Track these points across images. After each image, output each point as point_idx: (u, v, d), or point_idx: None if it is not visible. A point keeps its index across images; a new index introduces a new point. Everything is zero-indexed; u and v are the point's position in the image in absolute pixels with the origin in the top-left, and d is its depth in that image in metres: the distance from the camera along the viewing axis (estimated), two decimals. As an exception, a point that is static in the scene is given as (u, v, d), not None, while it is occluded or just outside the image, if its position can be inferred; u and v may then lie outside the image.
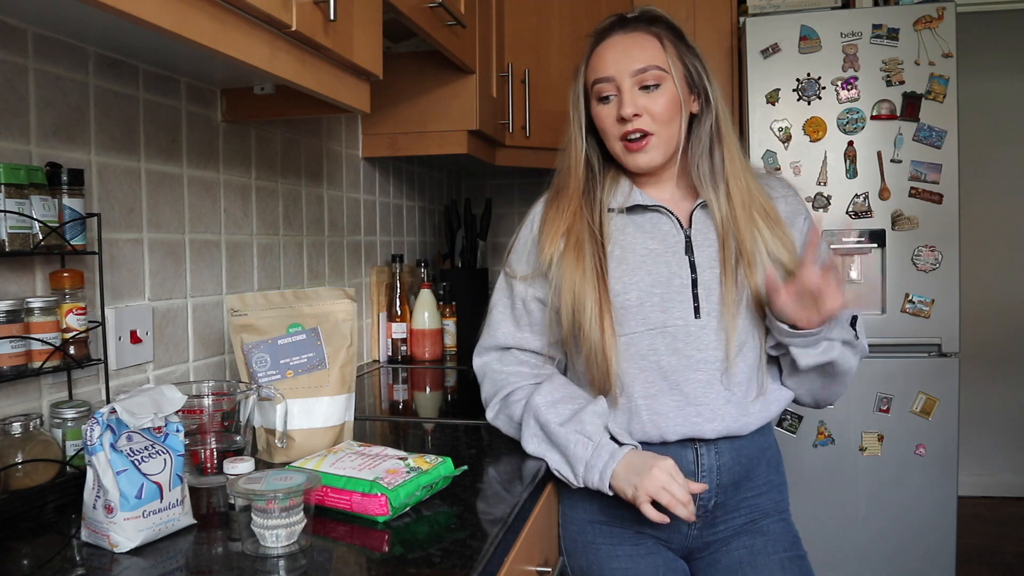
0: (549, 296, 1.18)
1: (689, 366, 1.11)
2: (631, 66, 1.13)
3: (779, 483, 1.22)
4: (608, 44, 1.16)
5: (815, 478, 2.32)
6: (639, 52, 1.14)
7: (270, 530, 0.78)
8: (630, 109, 1.12)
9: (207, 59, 1.15)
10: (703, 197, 1.17)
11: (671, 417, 1.11)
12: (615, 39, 1.16)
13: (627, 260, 1.15)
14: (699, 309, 1.13)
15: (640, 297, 1.13)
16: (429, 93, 1.91)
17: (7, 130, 0.95)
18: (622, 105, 1.13)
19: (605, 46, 1.16)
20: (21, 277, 0.98)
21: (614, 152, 1.18)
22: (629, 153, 1.15)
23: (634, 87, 1.13)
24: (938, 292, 2.27)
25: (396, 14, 1.36)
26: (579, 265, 1.14)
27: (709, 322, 1.13)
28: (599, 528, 1.17)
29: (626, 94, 1.13)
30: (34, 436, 0.91)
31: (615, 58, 1.14)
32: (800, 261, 1.07)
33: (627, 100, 1.12)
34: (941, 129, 2.26)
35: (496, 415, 1.23)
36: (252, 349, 1.13)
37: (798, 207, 1.23)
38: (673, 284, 1.13)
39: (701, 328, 1.12)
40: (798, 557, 1.17)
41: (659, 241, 1.16)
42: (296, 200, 1.69)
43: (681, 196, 1.21)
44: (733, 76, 2.59)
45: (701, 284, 1.13)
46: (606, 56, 1.15)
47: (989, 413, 3.59)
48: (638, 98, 1.13)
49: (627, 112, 1.12)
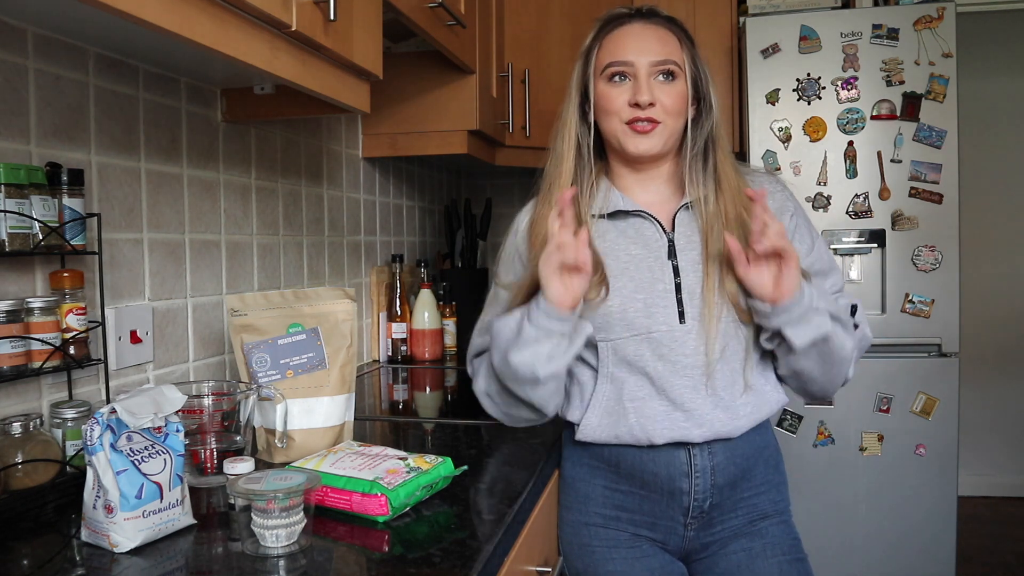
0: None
1: (675, 372, 1.11)
2: (652, 55, 1.13)
3: (778, 483, 1.21)
4: (629, 30, 1.15)
5: (815, 478, 2.32)
6: (660, 45, 1.13)
7: (270, 530, 0.78)
8: (647, 96, 1.11)
9: (207, 59, 1.15)
10: (690, 197, 1.16)
11: (658, 421, 1.10)
12: (636, 26, 1.15)
13: (609, 266, 1.14)
14: (683, 314, 1.12)
15: (623, 303, 1.12)
16: (429, 93, 1.91)
17: (7, 130, 0.95)
18: (639, 91, 1.12)
19: (625, 31, 1.15)
20: (21, 277, 0.98)
21: (613, 133, 1.16)
22: (634, 135, 1.14)
23: (650, 76, 1.13)
24: (938, 292, 2.27)
25: (396, 14, 1.36)
26: None
27: (694, 327, 1.11)
28: (595, 531, 1.17)
29: (643, 81, 1.12)
30: (34, 436, 0.91)
31: (636, 45, 1.13)
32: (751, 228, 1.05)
33: (644, 87, 1.12)
34: (941, 129, 2.26)
35: (477, 379, 1.21)
36: (252, 349, 1.13)
37: (785, 203, 1.21)
38: (656, 289, 1.13)
39: (686, 333, 1.11)
40: (798, 560, 1.16)
41: (641, 246, 1.16)
42: (296, 200, 1.69)
43: (667, 197, 1.20)
44: (733, 76, 2.59)
45: (685, 289, 1.12)
46: (626, 41, 1.14)
47: (989, 413, 3.59)
48: (654, 87, 1.13)
49: (644, 99, 1.11)
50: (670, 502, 1.13)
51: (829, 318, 1.10)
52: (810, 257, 1.19)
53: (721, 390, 1.11)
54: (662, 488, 1.13)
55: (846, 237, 2.31)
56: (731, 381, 1.12)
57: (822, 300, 1.10)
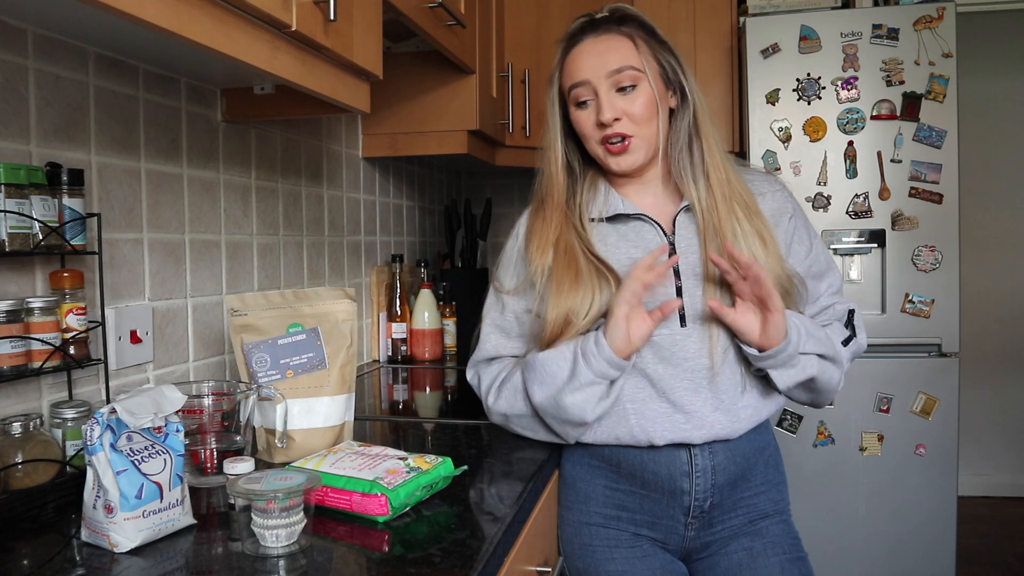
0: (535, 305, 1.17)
1: (676, 375, 1.11)
2: (605, 68, 1.12)
3: (778, 482, 1.21)
4: (581, 48, 1.15)
5: (815, 478, 2.32)
6: (612, 54, 1.13)
7: (270, 530, 0.78)
8: (609, 114, 1.11)
9: (207, 59, 1.15)
10: (686, 197, 1.16)
11: (659, 423, 1.11)
12: (587, 43, 1.15)
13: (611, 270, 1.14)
14: (684, 317, 1.12)
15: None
16: (429, 93, 1.91)
17: (7, 130, 0.95)
18: (601, 110, 1.12)
19: (578, 51, 1.15)
20: (21, 277, 0.98)
21: (595, 155, 1.17)
22: (611, 156, 1.14)
23: (611, 90, 1.12)
24: (938, 292, 2.27)
25: (396, 14, 1.36)
26: (569, 270, 1.13)
27: (694, 330, 1.12)
28: (595, 530, 1.17)
29: (603, 98, 1.12)
30: (34, 436, 0.91)
31: (589, 62, 1.13)
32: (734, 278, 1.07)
33: (605, 105, 1.12)
34: (941, 129, 2.26)
35: (496, 399, 1.19)
36: (252, 349, 1.13)
37: (784, 205, 1.20)
38: (658, 293, 1.12)
39: (687, 336, 1.11)
40: (798, 559, 1.16)
41: (642, 250, 1.16)
42: (296, 200, 1.69)
43: (665, 199, 1.20)
44: (733, 76, 2.59)
45: (686, 292, 1.13)
46: (579, 61, 1.14)
47: (989, 413, 3.59)
48: (616, 101, 1.12)
49: (606, 117, 1.11)
50: (671, 502, 1.13)
51: (817, 359, 1.11)
52: (808, 259, 1.19)
53: (722, 392, 1.11)
54: (663, 488, 1.13)
55: (846, 237, 2.31)
56: (732, 383, 1.12)
57: (810, 341, 1.10)
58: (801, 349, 1.09)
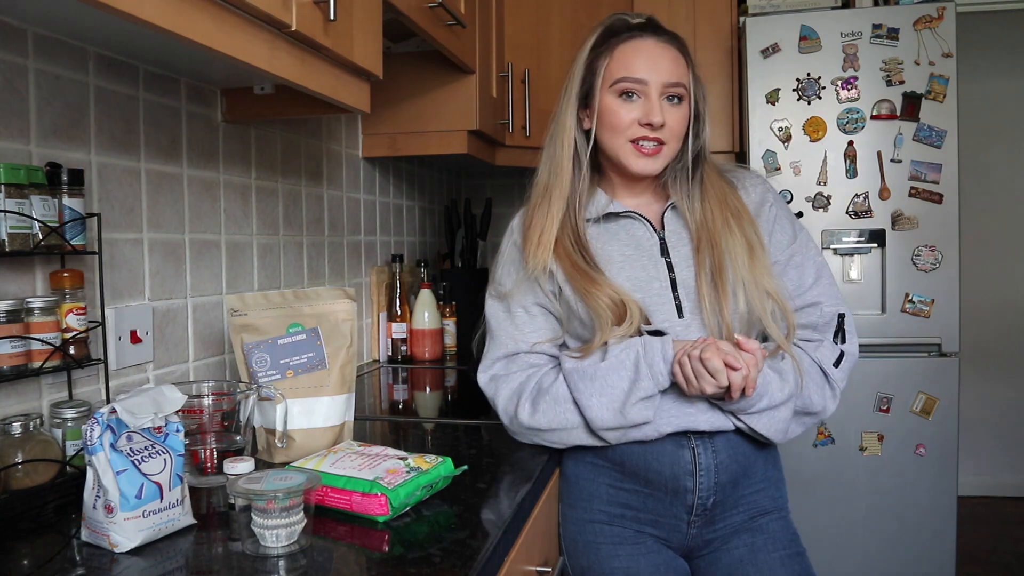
0: (550, 294, 1.18)
1: None
2: (666, 77, 1.13)
3: (777, 479, 1.22)
4: (644, 45, 1.15)
5: (815, 478, 2.32)
6: (673, 66, 1.14)
7: (270, 530, 0.79)
8: (659, 118, 1.12)
9: (207, 59, 1.15)
10: (673, 198, 1.19)
11: (665, 409, 1.11)
12: (649, 42, 1.15)
13: (605, 268, 1.16)
14: (681, 308, 1.14)
15: None
16: (429, 93, 1.91)
17: (7, 130, 0.95)
18: (651, 112, 1.12)
19: (638, 46, 1.15)
20: (21, 277, 0.98)
21: (615, 150, 1.16)
22: (640, 156, 1.15)
23: (661, 97, 1.14)
24: (938, 292, 2.27)
25: (396, 14, 1.36)
26: (575, 271, 1.14)
27: (693, 320, 1.13)
28: (599, 528, 1.17)
29: (655, 102, 1.13)
30: (34, 436, 0.91)
31: (652, 64, 1.13)
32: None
33: (656, 108, 1.12)
34: (941, 129, 2.26)
35: (534, 411, 1.14)
36: (252, 349, 1.13)
37: (765, 195, 1.22)
38: (653, 287, 1.14)
39: (686, 327, 1.13)
40: (797, 554, 1.17)
41: (634, 247, 1.18)
42: (296, 200, 1.69)
43: (652, 199, 1.24)
44: (733, 76, 2.59)
45: (680, 284, 1.15)
46: (640, 57, 1.14)
47: (989, 413, 3.59)
48: (664, 109, 1.14)
49: (657, 120, 1.12)
50: (674, 500, 1.14)
51: (790, 411, 1.13)
52: (791, 248, 1.20)
53: None
54: (666, 486, 1.13)
55: (846, 237, 2.31)
56: None
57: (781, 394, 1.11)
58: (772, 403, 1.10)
